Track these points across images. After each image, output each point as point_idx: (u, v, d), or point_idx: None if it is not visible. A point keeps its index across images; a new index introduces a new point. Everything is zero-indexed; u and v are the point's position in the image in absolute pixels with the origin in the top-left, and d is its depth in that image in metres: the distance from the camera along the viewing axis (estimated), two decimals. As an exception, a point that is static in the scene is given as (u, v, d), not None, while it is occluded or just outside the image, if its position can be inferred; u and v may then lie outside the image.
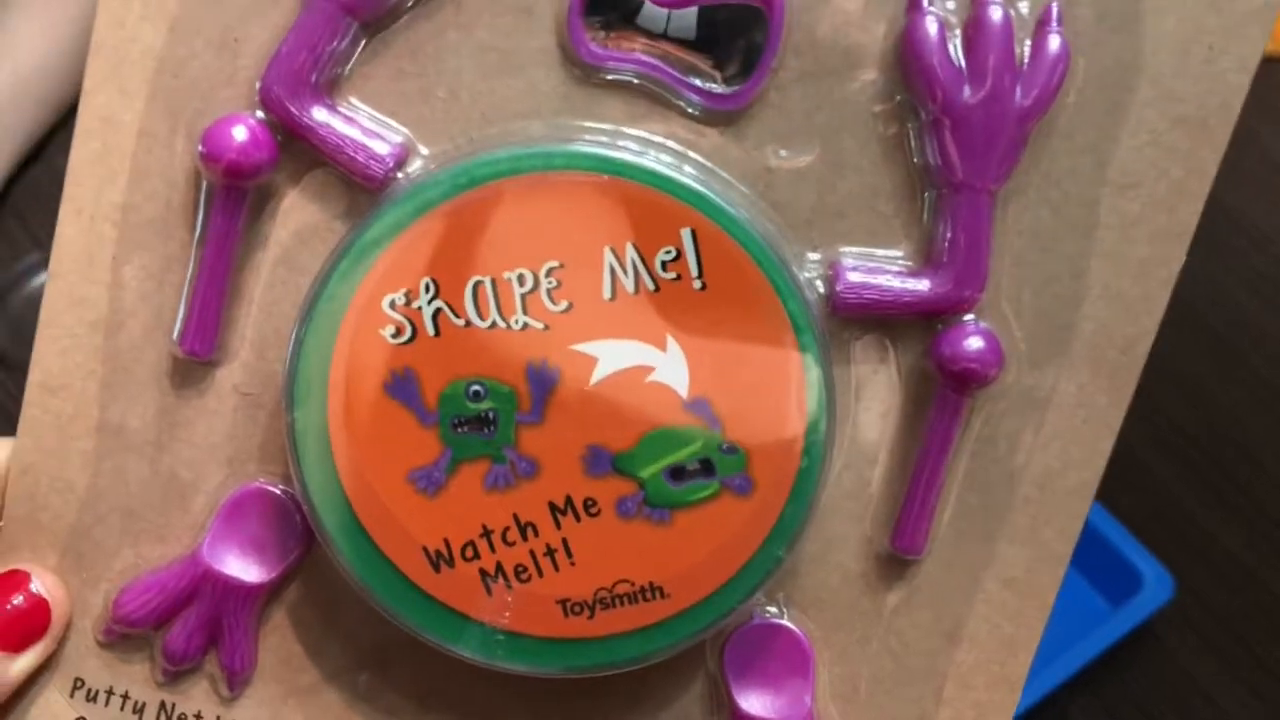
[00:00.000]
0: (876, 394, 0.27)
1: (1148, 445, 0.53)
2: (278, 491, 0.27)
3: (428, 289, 0.25)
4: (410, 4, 0.26)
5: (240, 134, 0.25)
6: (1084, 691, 0.48)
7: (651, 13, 0.26)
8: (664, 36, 0.26)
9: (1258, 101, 0.26)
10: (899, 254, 0.27)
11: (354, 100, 0.26)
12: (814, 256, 0.27)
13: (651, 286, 0.25)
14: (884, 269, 0.26)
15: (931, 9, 0.26)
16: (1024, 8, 0.26)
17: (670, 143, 0.26)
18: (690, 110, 0.26)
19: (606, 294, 0.25)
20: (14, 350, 0.58)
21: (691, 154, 0.26)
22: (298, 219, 0.27)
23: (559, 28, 0.26)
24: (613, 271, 0.25)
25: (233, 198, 0.26)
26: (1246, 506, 0.53)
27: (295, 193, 0.26)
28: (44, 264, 0.58)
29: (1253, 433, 0.54)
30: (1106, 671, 0.49)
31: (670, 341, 0.25)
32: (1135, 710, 0.49)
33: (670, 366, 0.25)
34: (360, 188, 0.26)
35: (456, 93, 0.26)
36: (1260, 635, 0.50)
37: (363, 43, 0.26)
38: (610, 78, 0.26)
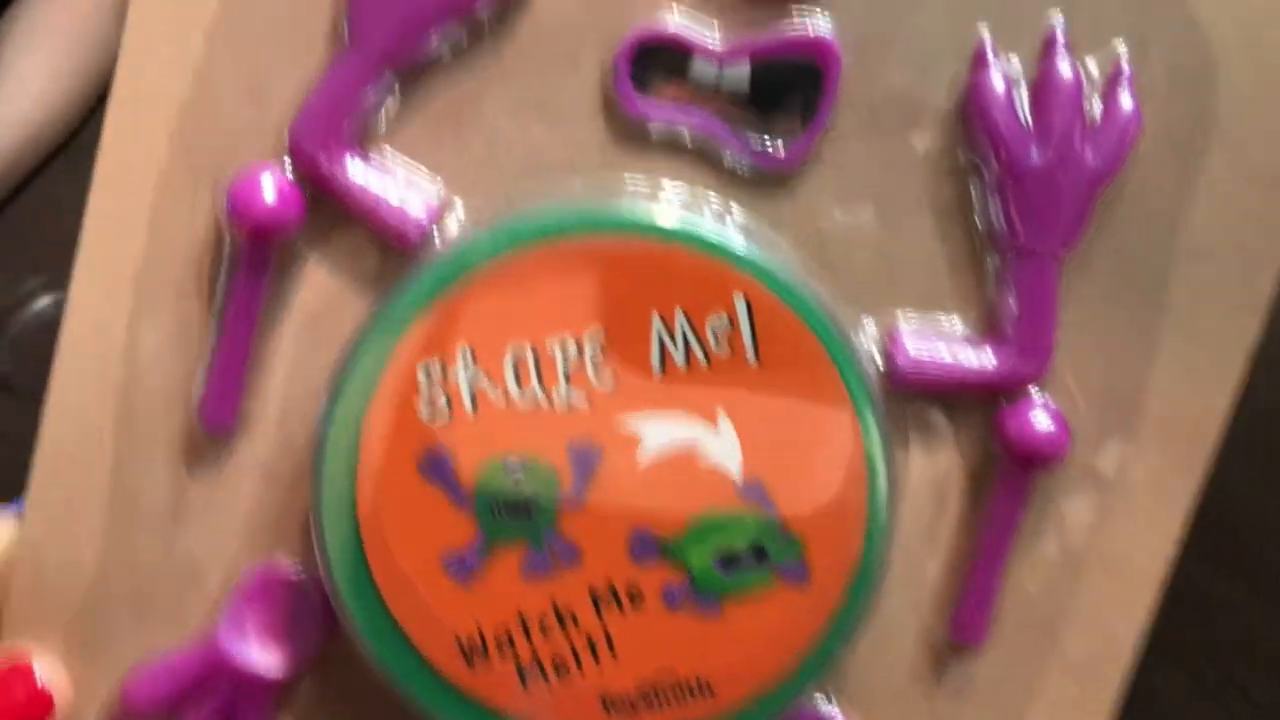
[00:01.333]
0: (934, 472, 0.26)
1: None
2: (299, 574, 0.25)
3: (465, 358, 0.23)
4: (447, 52, 0.24)
5: (267, 191, 0.24)
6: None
7: (702, 67, 0.24)
8: (715, 91, 0.25)
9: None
10: (959, 322, 0.25)
11: (387, 150, 0.25)
12: (869, 322, 0.25)
13: (703, 359, 0.23)
14: (945, 340, 0.25)
15: (997, 64, 0.24)
16: (1093, 64, 0.25)
17: (719, 202, 0.25)
18: (741, 168, 0.25)
19: (655, 366, 0.23)
20: (17, 375, 0.57)
21: (741, 214, 0.25)
22: (326, 281, 0.25)
23: (604, 79, 0.25)
24: (661, 342, 0.23)
25: (258, 258, 0.24)
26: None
27: (324, 252, 0.25)
28: (43, 288, 0.57)
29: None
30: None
31: (722, 418, 0.23)
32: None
33: (722, 446, 0.23)
34: (393, 248, 0.25)
35: (495, 144, 0.25)
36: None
37: (397, 90, 0.25)
38: (657, 133, 0.25)
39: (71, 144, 0.62)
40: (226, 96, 0.25)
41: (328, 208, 0.25)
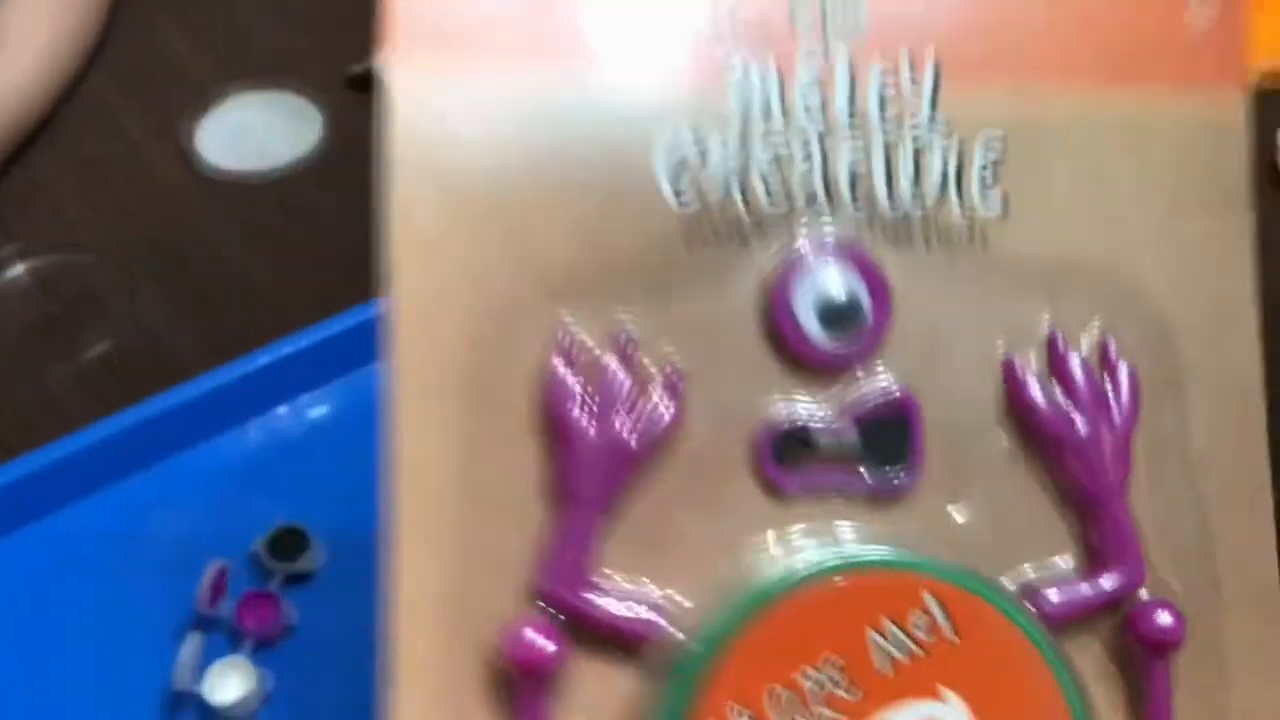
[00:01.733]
0: (1097, 684, 0.32)
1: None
2: None
3: (737, 716, 0.29)
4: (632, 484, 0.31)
5: (540, 642, 0.30)
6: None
7: (825, 440, 0.32)
8: (838, 451, 0.32)
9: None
10: (1073, 562, 0.32)
11: (608, 572, 0.31)
12: (1008, 583, 0.32)
13: (918, 650, 0.30)
14: (1071, 581, 0.32)
15: (1028, 374, 0.33)
16: (1085, 343, 0.33)
17: (874, 531, 0.32)
18: (873, 500, 0.32)
19: (883, 669, 0.30)
20: None
21: (888, 530, 0.32)
22: (594, 690, 0.31)
23: (756, 472, 0.32)
24: (882, 649, 0.30)
25: (538, 690, 0.30)
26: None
27: (587, 668, 0.31)
28: (17, 256, 0.58)
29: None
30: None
31: (946, 692, 0.30)
32: None
33: (953, 713, 0.30)
34: (642, 651, 0.30)
35: (689, 543, 0.31)
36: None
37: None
38: (807, 494, 0.32)
39: (51, 124, 0.61)
40: (475, 569, 0.31)
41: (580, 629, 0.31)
